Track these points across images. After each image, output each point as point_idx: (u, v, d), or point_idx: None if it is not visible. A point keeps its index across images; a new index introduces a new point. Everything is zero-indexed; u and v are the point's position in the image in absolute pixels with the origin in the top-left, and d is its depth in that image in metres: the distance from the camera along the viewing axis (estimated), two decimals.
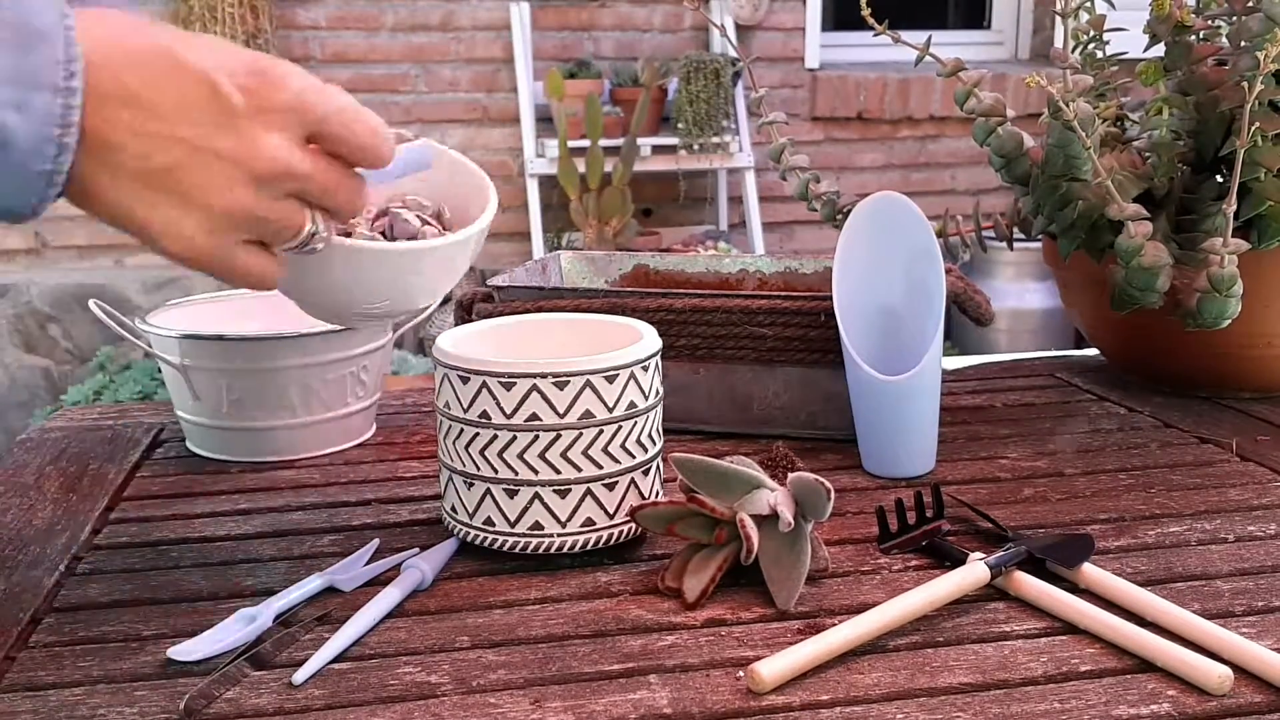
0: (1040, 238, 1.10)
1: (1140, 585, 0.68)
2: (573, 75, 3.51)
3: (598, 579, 0.72)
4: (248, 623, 0.65)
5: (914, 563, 0.74)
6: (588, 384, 0.70)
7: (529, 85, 3.50)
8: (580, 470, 0.71)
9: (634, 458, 0.73)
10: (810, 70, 3.79)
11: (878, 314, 0.91)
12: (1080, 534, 0.76)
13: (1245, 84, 0.89)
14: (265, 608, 0.67)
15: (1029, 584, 0.68)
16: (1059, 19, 1.04)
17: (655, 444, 0.76)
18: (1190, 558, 0.74)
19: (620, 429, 0.72)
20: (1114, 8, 1.08)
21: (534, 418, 0.70)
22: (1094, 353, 1.22)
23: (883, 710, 0.57)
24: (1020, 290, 3.36)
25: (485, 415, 0.71)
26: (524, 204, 3.46)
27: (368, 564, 0.74)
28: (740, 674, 0.60)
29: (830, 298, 0.89)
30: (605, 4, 3.66)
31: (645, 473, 0.75)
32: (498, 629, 0.66)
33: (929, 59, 1.03)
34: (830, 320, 0.90)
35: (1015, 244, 1.14)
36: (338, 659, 0.62)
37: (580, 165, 3.29)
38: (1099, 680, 0.60)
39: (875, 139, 3.84)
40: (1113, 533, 0.78)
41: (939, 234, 1.09)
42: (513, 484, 0.71)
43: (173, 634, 0.66)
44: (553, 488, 0.71)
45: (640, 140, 3.35)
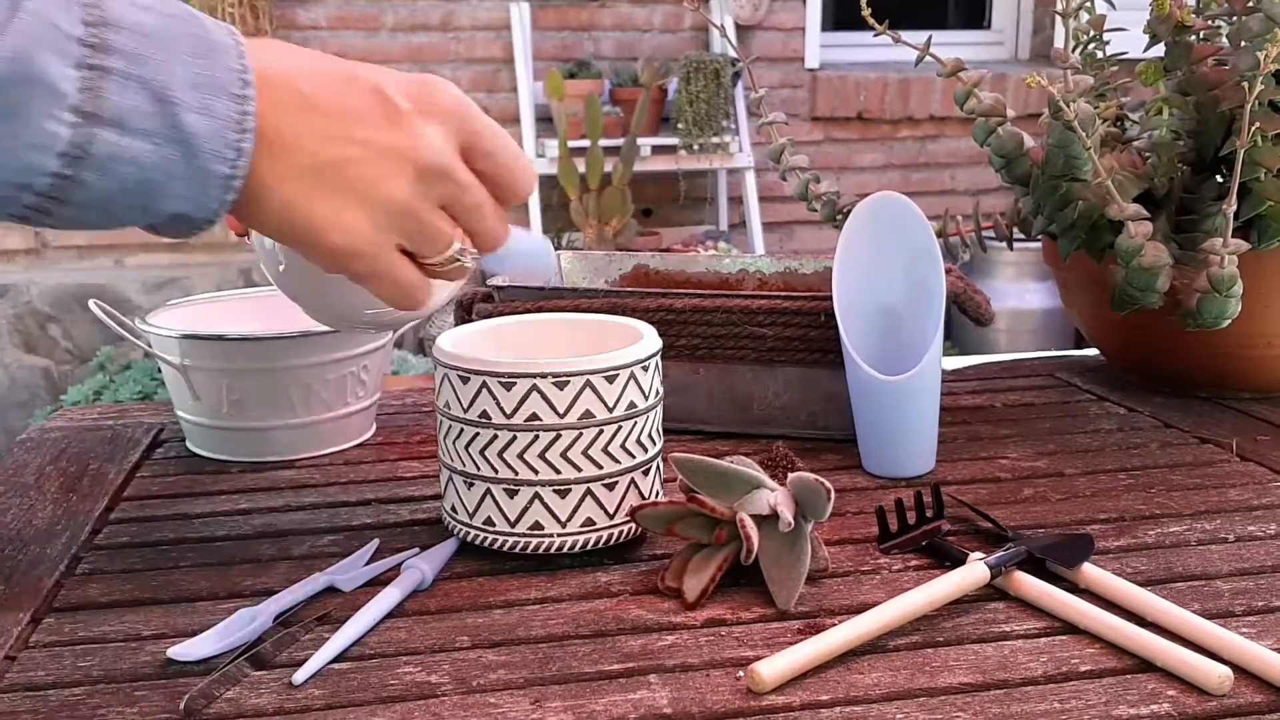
0: (1040, 238, 1.10)
1: (1140, 585, 0.68)
2: (573, 75, 3.51)
3: (598, 579, 0.72)
4: (248, 623, 0.65)
5: (914, 563, 0.74)
6: (588, 384, 0.70)
7: (529, 85, 3.50)
8: (580, 470, 0.71)
9: (634, 458, 0.73)
10: (810, 70, 3.79)
11: (878, 314, 0.91)
12: (1080, 534, 0.76)
13: (1245, 84, 0.89)
14: (265, 608, 0.67)
15: (1029, 584, 0.68)
16: (1059, 19, 1.04)
17: (655, 444, 0.76)
18: (1190, 558, 0.74)
19: (620, 429, 0.72)
20: (1114, 8, 1.08)
21: (534, 418, 0.70)
22: (1094, 353, 1.22)
23: (883, 710, 0.57)
24: (1020, 290, 3.36)
25: (485, 415, 0.71)
26: (524, 204, 3.46)
27: (368, 564, 0.74)
28: (740, 674, 0.60)
29: (830, 298, 0.89)
30: (605, 4, 3.66)
31: (645, 473, 0.75)
32: (498, 629, 0.66)
33: (929, 59, 1.03)
34: (830, 320, 0.90)
35: (1015, 244, 1.14)
36: (338, 659, 0.62)
37: (580, 165, 3.29)
38: (1099, 680, 0.60)
39: (875, 139, 3.84)
40: (1113, 533, 0.78)
41: (939, 234, 1.09)
42: (513, 484, 0.71)
43: (173, 634, 0.66)
44: (553, 488, 0.71)
45: (640, 140, 3.36)
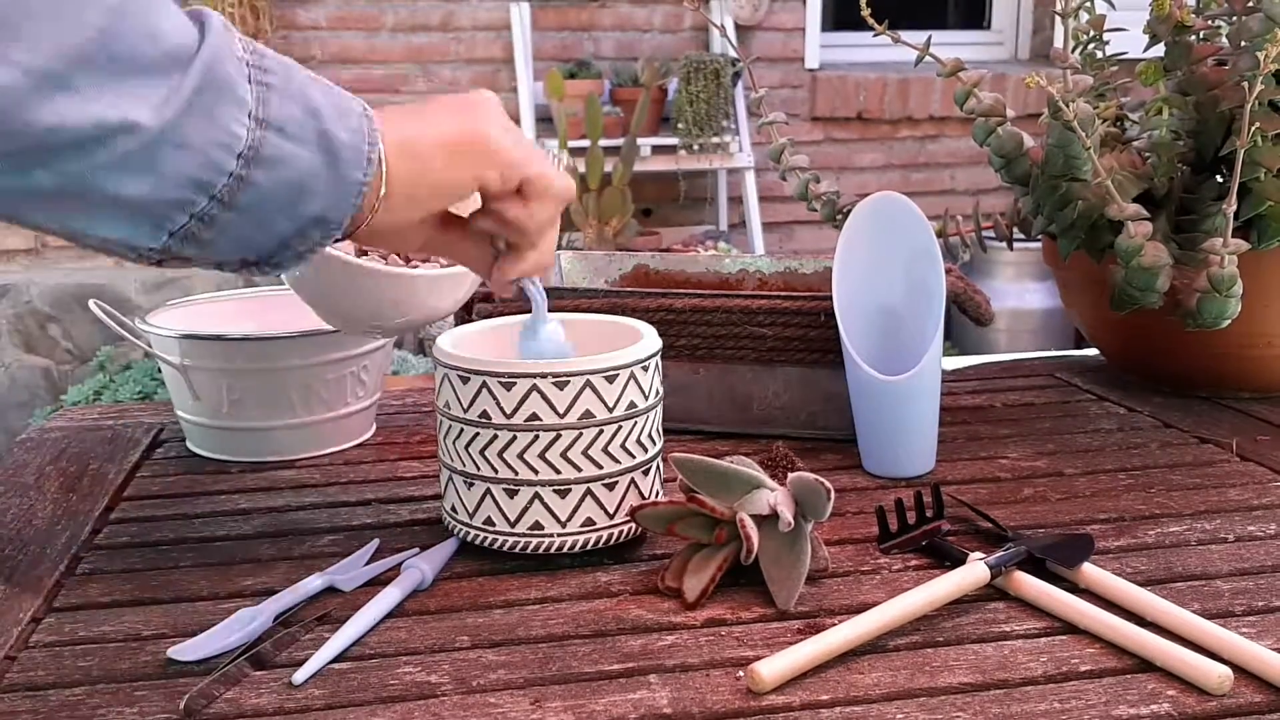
0: (1040, 238, 1.10)
1: (1140, 585, 0.68)
2: (573, 75, 3.51)
3: (598, 579, 0.72)
4: (248, 623, 0.65)
5: (914, 563, 0.74)
6: (588, 384, 0.70)
7: (529, 85, 3.49)
8: (580, 470, 0.71)
9: (634, 458, 0.73)
10: (810, 70, 3.79)
11: (878, 314, 0.91)
12: (1080, 534, 0.76)
13: (1245, 84, 0.89)
14: (265, 608, 0.67)
15: (1029, 584, 0.68)
16: (1059, 19, 1.04)
17: (655, 444, 0.76)
18: (1190, 558, 0.74)
19: (620, 429, 0.72)
20: (1114, 8, 1.08)
21: (534, 418, 0.70)
22: (1094, 353, 1.22)
23: (883, 710, 0.57)
24: (1020, 290, 3.36)
25: (485, 415, 0.71)
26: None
27: (368, 564, 0.74)
28: (740, 674, 0.60)
29: (830, 298, 0.89)
30: (605, 4, 3.66)
31: (645, 473, 0.75)
32: (498, 629, 0.66)
33: (929, 59, 1.03)
34: (830, 320, 0.90)
35: (1015, 244, 1.14)
36: (338, 659, 0.62)
37: (580, 165, 3.29)
38: (1099, 680, 0.60)
39: (875, 139, 3.84)
40: (1113, 533, 0.78)
41: (939, 234, 1.09)
42: (513, 484, 0.71)
43: (173, 634, 0.66)
44: (553, 488, 0.71)
45: (640, 140, 3.35)
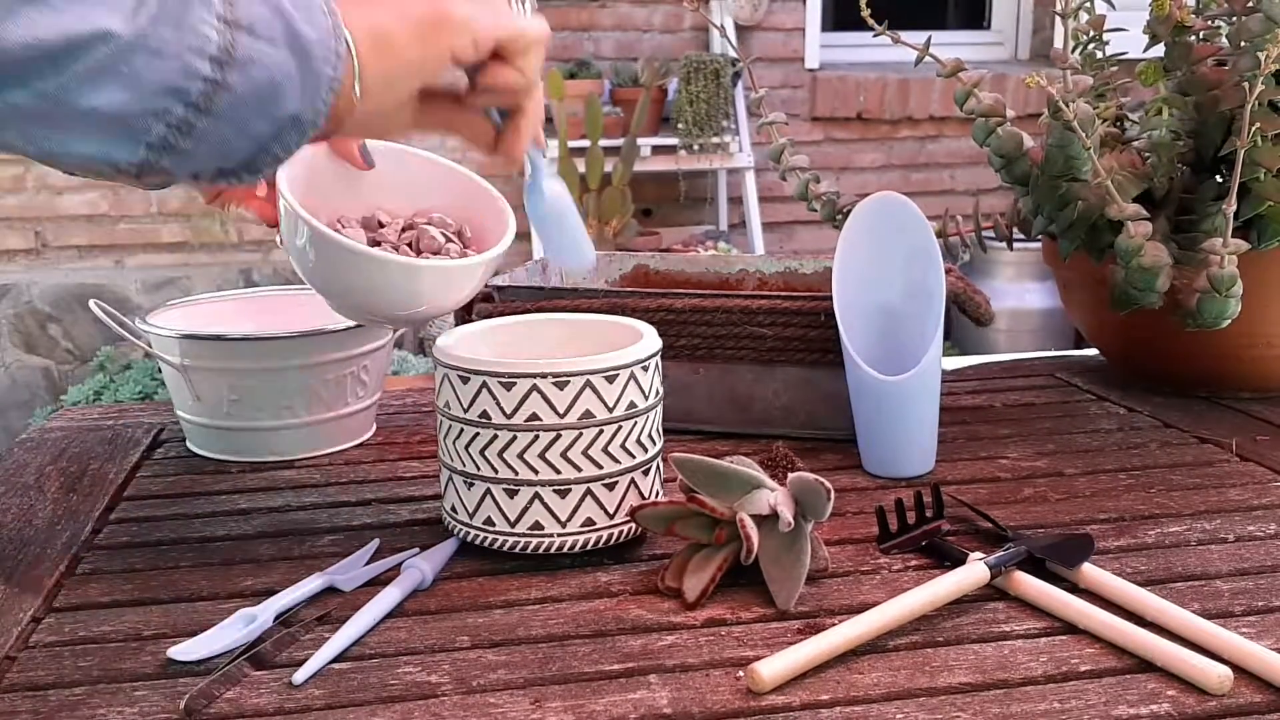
0: (1040, 238, 1.10)
1: (1140, 585, 0.68)
2: (573, 75, 3.51)
3: (598, 579, 0.72)
4: (248, 623, 0.65)
5: (914, 563, 0.74)
6: (588, 384, 0.70)
7: None
8: (580, 470, 0.71)
9: (634, 458, 0.73)
10: (810, 70, 3.79)
11: (878, 314, 0.91)
12: (1080, 534, 0.76)
13: (1245, 84, 0.89)
14: (265, 608, 0.67)
15: (1029, 584, 0.68)
16: (1059, 19, 1.04)
17: (655, 444, 0.76)
18: (1190, 558, 0.74)
19: (620, 429, 0.72)
20: (1114, 8, 1.08)
21: (534, 418, 0.70)
22: (1094, 353, 1.22)
23: (883, 710, 0.57)
24: (1020, 290, 3.35)
25: (485, 415, 0.71)
26: (524, 205, 3.45)
27: (368, 564, 0.74)
28: (740, 674, 0.60)
29: (830, 298, 0.89)
30: (605, 4, 3.66)
31: (645, 473, 0.75)
32: (498, 629, 0.66)
33: (929, 59, 1.03)
34: (830, 320, 0.90)
35: (1015, 244, 1.14)
36: (338, 659, 0.62)
37: (580, 165, 3.29)
38: (1099, 680, 0.60)
39: (875, 139, 3.83)
40: (1113, 533, 0.78)
41: (939, 234, 1.09)
42: (513, 484, 0.71)
43: (173, 634, 0.66)
44: (553, 488, 0.71)
45: (640, 140, 3.35)
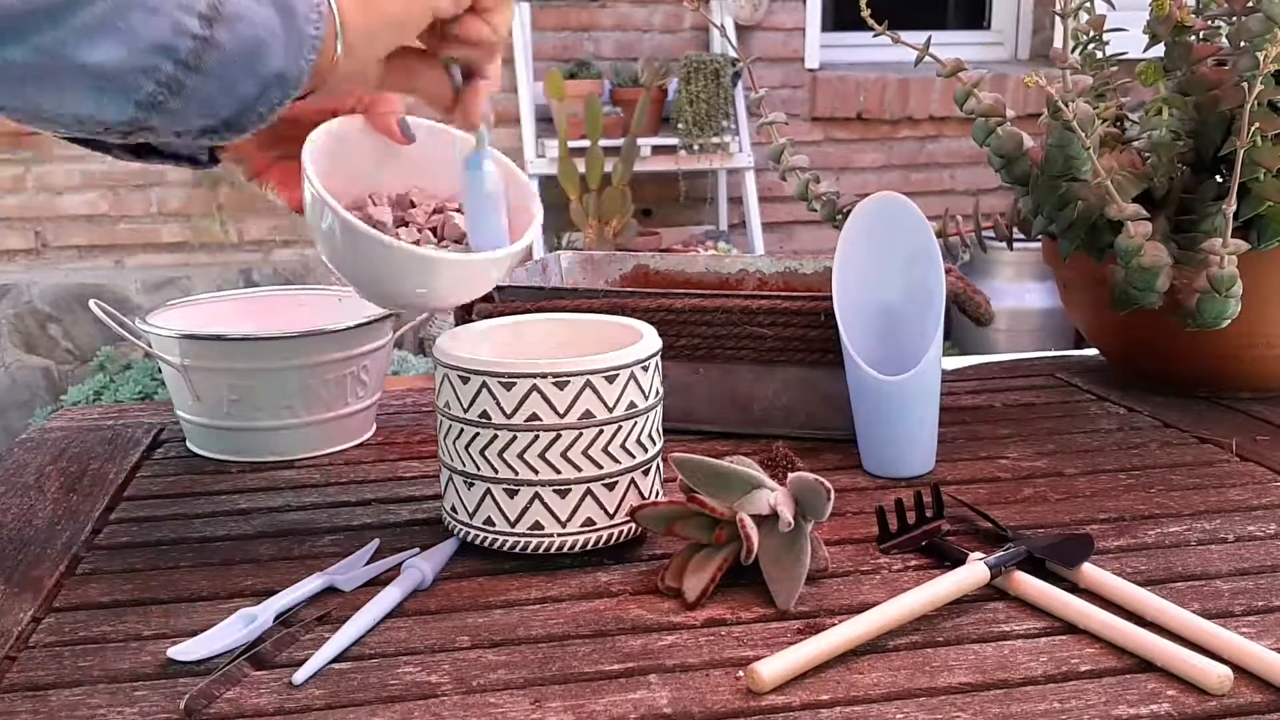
0: (1040, 238, 1.10)
1: (1140, 585, 0.68)
2: (573, 75, 3.51)
3: (598, 579, 0.72)
4: (248, 623, 0.65)
5: (914, 563, 0.74)
6: (588, 384, 0.70)
7: (529, 85, 3.49)
8: (580, 470, 0.71)
9: (634, 458, 0.73)
10: (810, 70, 3.79)
11: (878, 314, 0.91)
12: (1080, 534, 0.76)
13: (1245, 84, 0.89)
14: (265, 608, 0.67)
15: (1029, 584, 0.68)
16: (1059, 19, 1.04)
17: (655, 444, 0.76)
18: (1190, 558, 0.74)
19: (620, 429, 0.72)
20: (1114, 8, 1.08)
21: (534, 418, 0.70)
22: (1094, 353, 1.22)
23: (883, 710, 0.57)
24: (1020, 290, 3.35)
25: (485, 415, 0.71)
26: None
27: (368, 564, 0.74)
28: (740, 674, 0.60)
29: (830, 298, 0.89)
30: (605, 4, 3.66)
31: (645, 473, 0.75)
32: (498, 629, 0.66)
33: (929, 59, 1.03)
34: (830, 320, 0.90)
35: (1015, 244, 1.14)
36: (338, 659, 0.62)
37: (580, 165, 3.29)
38: (1099, 680, 0.60)
39: (875, 139, 3.83)
40: (1113, 533, 0.78)
41: (939, 234, 1.09)
42: (513, 484, 0.71)
43: (173, 634, 0.66)
44: (553, 488, 0.71)
45: (640, 140, 3.35)
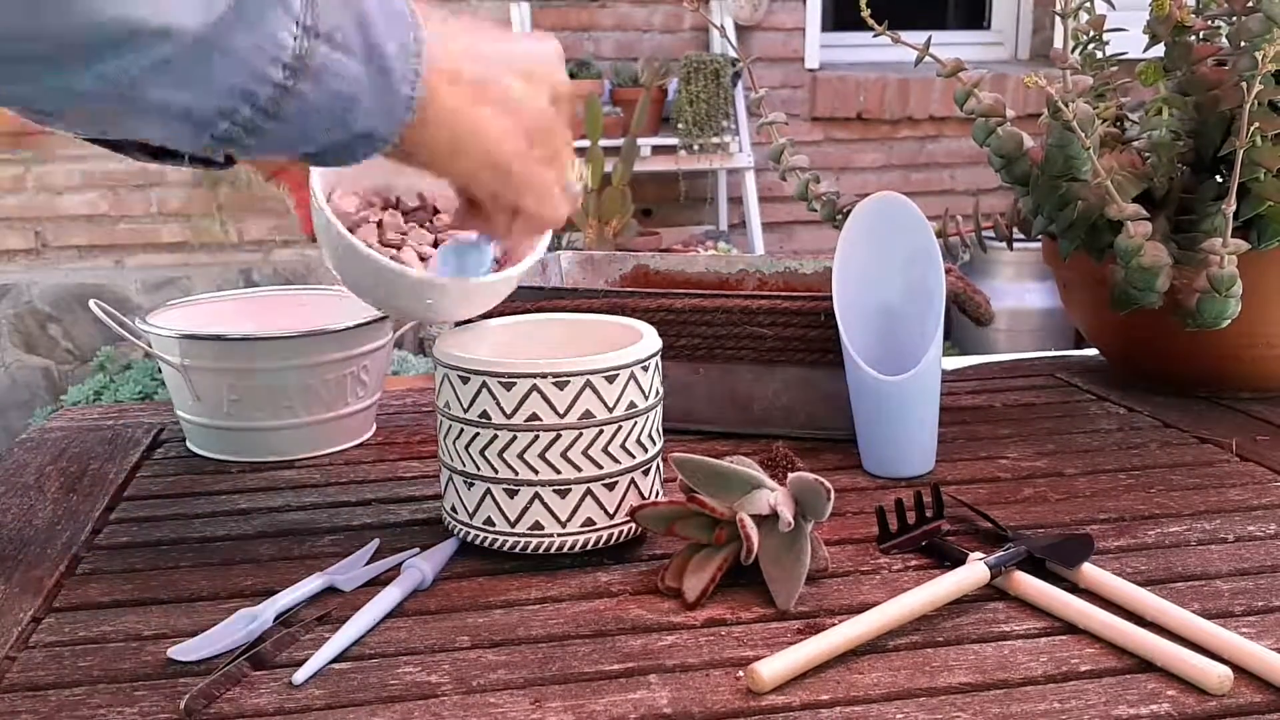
0: (1040, 238, 1.10)
1: (1140, 585, 0.68)
2: (573, 75, 3.51)
3: (598, 579, 0.72)
4: (248, 623, 0.65)
5: (914, 563, 0.74)
6: (588, 384, 0.70)
7: None
8: (580, 470, 0.71)
9: (634, 458, 0.73)
10: (810, 70, 3.79)
11: (878, 314, 0.91)
12: (1080, 534, 0.76)
13: (1245, 84, 0.89)
14: (265, 608, 0.67)
15: (1029, 584, 0.68)
16: (1059, 19, 1.04)
17: (655, 444, 0.76)
18: (1190, 558, 0.74)
19: (620, 429, 0.72)
20: (1114, 8, 1.08)
21: (534, 418, 0.70)
22: (1094, 353, 1.22)
23: (883, 710, 0.57)
24: (1020, 290, 3.36)
25: (485, 415, 0.71)
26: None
27: (368, 564, 0.74)
28: (740, 674, 0.60)
29: (830, 298, 0.89)
30: (605, 4, 3.66)
31: (645, 473, 0.75)
32: (498, 629, 0.66)
33: (929, 59, 1.03)
34: (830, 320, 0.90)
35: (1015, 244, 1.14)
36: (338, 659, 0.62)
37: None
38: (1099, 680, 0.60)
39: (875, 139, 3.84)
40: (1113, 533, 0.78)
41: (939, 234, 1.09)
42: (513, 484, 0.71)
43: (173, 634, 0.66)
44: (553, 488, 0.71)
45: (640, 140, 3.35)
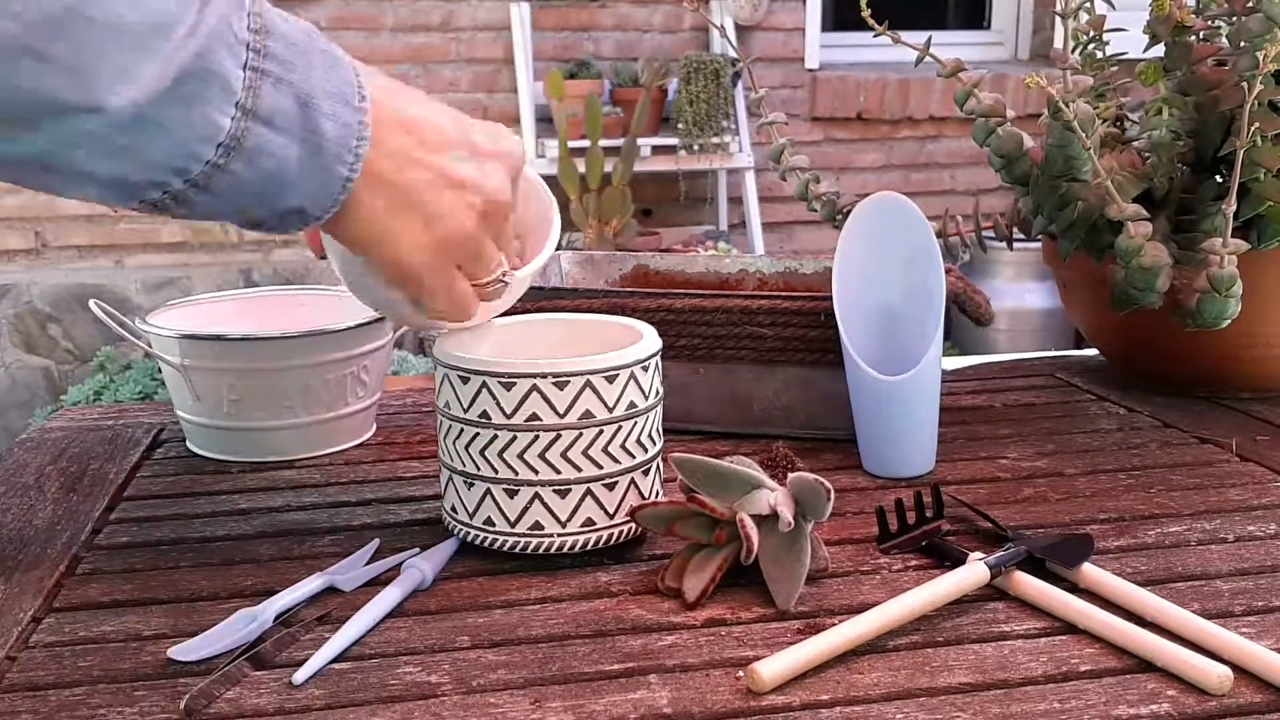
0: (1040, 238, 1.10)
1: (1140, 585, 0.68)
2: (573, 75, 3.51)
3: (598, 579, 0.72)
4: (248, 623, 0.65)
5: (914, 563, 0.74)
6: (588, 384, 0.70)
7: (529, 86, 3.49)
8: (580, 470, 0.71)
9: (634, 458, 0.73)
10: (810, 70, 3.79)
11: (878, 314, 0.91)
12: (1080, 534, 0.76)
13: (1245, 84, 0.89)
14: (265, 608, 0.67)
15: (1029, 584, 0.68)
16: (1059, 19, 1.04)
17: (655, 444, 0.76)
18: (1190, 558, 0.74)
19: (620, 429, 0.72)
20: (1114, 8, 1.08)
21: (534, 418, 0.70)
22: (1094, 353, 1.22)
23: (883, 710, 0.57)
24: (1020, 290, 3.36)
25: (485, 415, 0.71)
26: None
27: (368, 564, 0.74)
28: (740, 674, 0.60)
29: (830, 298, 0.89)
30: (605, 4, 3.66)
31: (645, 473, 0.75)
32: (498, 629, 0.66)
33: (929, 59, 1.03)
34: (830, 320, 0.90)
35: (1015, 244, 1.14)
36: (338, 659, 0.62)
37: (580, 165, 3.29)
38: (1099, 680, 0.60)
39: (875, 139, 3.84)
40: (1113, 533, 0.78)
41: (939, 234, 1.09)
42: (513, 484, 0.71)
43: (173, 634, 0.66)
44: (553, 488, 0.71)
45: (640, 140, 3.35)
